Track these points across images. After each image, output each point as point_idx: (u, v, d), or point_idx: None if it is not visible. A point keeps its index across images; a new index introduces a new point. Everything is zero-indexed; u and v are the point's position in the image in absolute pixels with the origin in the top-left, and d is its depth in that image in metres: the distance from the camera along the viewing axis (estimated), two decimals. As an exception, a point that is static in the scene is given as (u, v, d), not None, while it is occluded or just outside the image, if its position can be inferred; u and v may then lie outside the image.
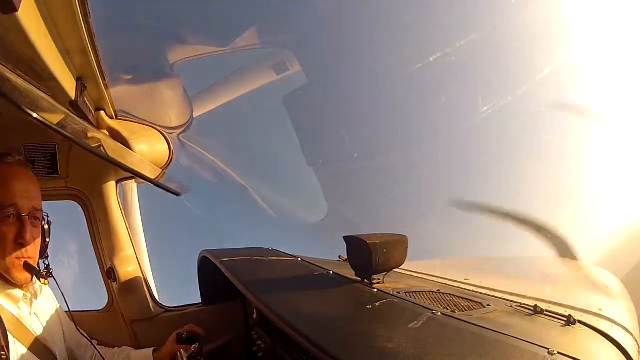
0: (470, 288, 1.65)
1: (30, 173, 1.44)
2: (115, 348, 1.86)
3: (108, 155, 1.87)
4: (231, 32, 2.07)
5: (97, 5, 1.22)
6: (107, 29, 1.41)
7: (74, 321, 1.62)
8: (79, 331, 1.62)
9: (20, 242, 1.34)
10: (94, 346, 1.70)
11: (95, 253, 2.13)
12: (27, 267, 1.36)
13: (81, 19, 1.21)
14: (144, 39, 2.03)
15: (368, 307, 1.29)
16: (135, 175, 2.13)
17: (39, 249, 1.43)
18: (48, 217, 1.48)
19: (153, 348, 1.82)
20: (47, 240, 1.48)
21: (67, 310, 1.59)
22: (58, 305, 1.62)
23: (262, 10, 2.04)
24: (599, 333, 1.18)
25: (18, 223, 1.34)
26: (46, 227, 1.47)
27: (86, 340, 1.67)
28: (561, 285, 1.80)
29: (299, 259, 2.00)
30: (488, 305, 1.37)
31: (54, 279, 1.48)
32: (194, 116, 2.36)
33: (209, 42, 2.10)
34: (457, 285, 1.70)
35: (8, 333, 1.25)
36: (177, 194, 2.34)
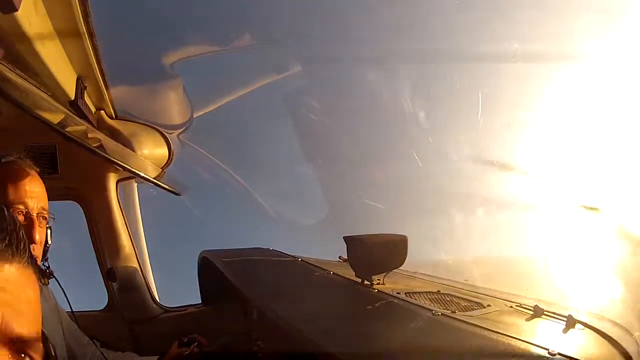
0: (470, 288, 1.65)
1: (38, 176, 1.47)
2: (119, 352, 1.86)
3: (108, 155, 1.88)
4: (232, 31, 2.07)
5: (97, 5, 1.22)
6: (107, 28, 1.41)
7: (76, 321, 1.63)
8: (81, 332, 1.63)
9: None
10: (97, 347, 1.70)
11: (95, 253, 2.13)
12: None
13: (81, 19, 1.21)
14: (144, 38, 2.02)
15: (368, 307, 1.29)
16: (135, 175, 2.13)
17: (42, 249, 1.45)
18: (54, 218, 1.50)
19: (157, 357, 1.82)
20: (50, 241, 1.50)
21: (70, 310, 1.59)
22: (58, 305, 1.62)
23: (263, 9, 2.04)
24: (599, 333, 1.17)
25: (26, 222, 1.36)
26: (48, 231, 1.49)
27: (86, 340, 1.67)
28: (561, 285, 1.80)
29: (299, 259, 2.00)
30: (488, 305, 1.37)
31: (55, 279, 1.49)
32: (194, 116, 2.36)
33: (209, 41, 2.10)
34: (457, 286, 1.70)
35: None
36: (177, 194, 2.34)
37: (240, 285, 1.52)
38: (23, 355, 0.46)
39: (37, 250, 1.39)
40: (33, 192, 1.39)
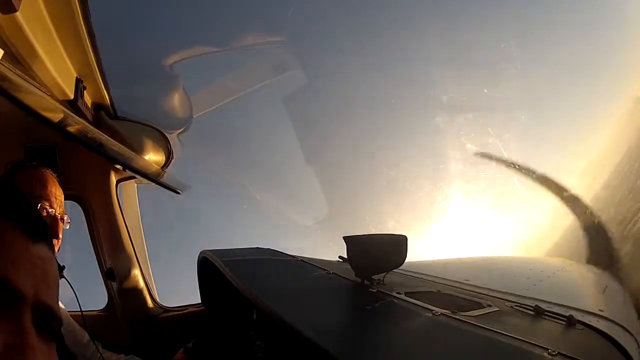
0: (470, 288, 1.64)
1: (58, 183, 1.53)
2: (122, 355, 1.85)
3: (108, 155, 1.88)
4: (232, 31, 2.07)
5: (97, 5, 1.22)
6: (107, 28, 1.41)
7: (84, 322, 1.63)
8: (82, 332, 1.63)
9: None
10: (98, 349, 1.70)
11: (95, 253, 2.13)
12: None
13: (81, 19, 1.21)
14: (144, 38, 2.02)
15: (368, 307, 1.29)
16: (135, 174, 2.13)
17: (57, 248, 1.47)
18: (70, 222, 1.54)
19: None
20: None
21: (79, 310, 1.60)
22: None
23: (262, 9, 2.04)
24: (599, 333, 1.17)
25: (49, 219, 1.41)
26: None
27: (86, 339, 1.68)
28: (561, 285, 1.80)
29: (299, 259, 1.99)
30: (488, 305, 1.37)
31: (65, 279, 1.49)
32: (194, 116, 2.36)
33: (209, 41, 2.10)
34: (457, 285, 1.69)
35: None
36: (177, 192, 2.34)
37: (240, 285, 1.51)
38: (48, 328, 0.49)
39: (55, 248, 1.41)
40: (57, 195, 1.48)
